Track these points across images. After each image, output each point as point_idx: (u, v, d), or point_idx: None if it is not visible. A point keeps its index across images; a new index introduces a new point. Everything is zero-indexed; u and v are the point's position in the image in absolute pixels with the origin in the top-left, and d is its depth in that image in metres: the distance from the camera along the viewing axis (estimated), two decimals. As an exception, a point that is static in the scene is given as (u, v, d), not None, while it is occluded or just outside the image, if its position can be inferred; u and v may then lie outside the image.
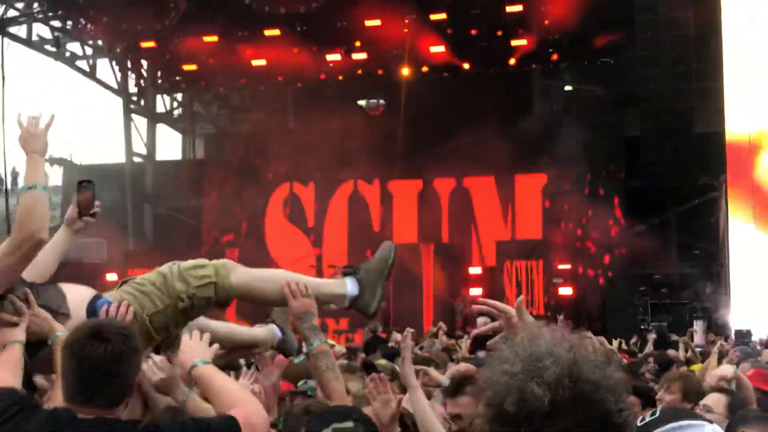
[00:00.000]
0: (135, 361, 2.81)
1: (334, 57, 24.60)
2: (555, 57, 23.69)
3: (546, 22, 22.62)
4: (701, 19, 21.08)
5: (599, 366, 1.61)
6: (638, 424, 2.32)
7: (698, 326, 17.24)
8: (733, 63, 19.82)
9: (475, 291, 20.26)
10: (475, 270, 21.88)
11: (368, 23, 23.26)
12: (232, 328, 4.05)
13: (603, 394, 1.57)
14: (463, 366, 6.32)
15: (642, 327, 18.72)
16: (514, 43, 23.40)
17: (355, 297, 3.43)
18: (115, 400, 2.74)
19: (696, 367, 7.97)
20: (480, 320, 14.62)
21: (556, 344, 1.62)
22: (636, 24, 21.81)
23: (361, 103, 24.03)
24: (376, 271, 3.46)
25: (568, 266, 21.30)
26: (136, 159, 27.38)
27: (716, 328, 18.42)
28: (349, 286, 3.43)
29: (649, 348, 11.32)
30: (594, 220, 22.47)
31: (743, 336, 15.75)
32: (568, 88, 24.39)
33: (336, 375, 3.34)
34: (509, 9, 22.67)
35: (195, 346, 3.13)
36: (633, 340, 14.06)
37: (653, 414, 2.39)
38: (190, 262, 3.53)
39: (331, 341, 7.95)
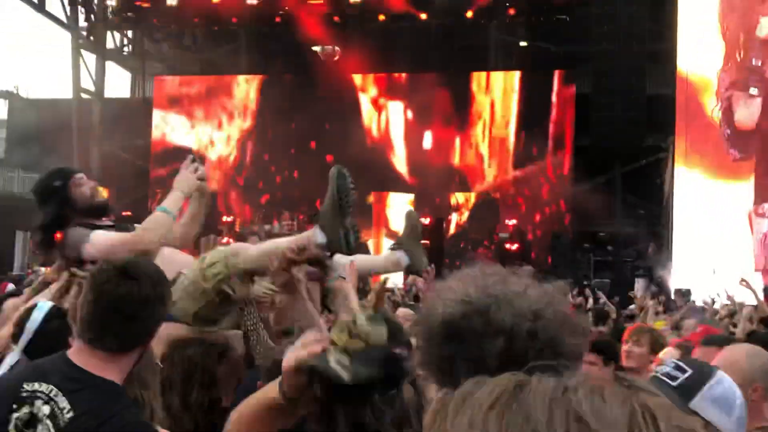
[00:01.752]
0: (159, 310, 2.51)
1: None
2: (511, 12, 23.57)
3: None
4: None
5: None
6: (673, 384, 2.08)
7: (639, 284, 17.58)
8: (688, 26, 19.93)
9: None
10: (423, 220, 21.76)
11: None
12: None
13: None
14: (402, 311, 6.28)
15: (585, 283, 18.98)
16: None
17: (325, 243, 3.40)
18: (127, 345, 2.45)
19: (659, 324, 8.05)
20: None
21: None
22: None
23: (317, 48, 23.75)
24: (329, 208, 3.42)
25: (514, 221, 21.46)
26: (84, 95, 26.80)
27: (657, 287, 18.75)
28: (318, 235, 3.40)
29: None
30: (541, 176, 22.63)
31: (683, 294, 16.12)
32: (523, 43, 24.32)
33: (346, 310, 3.28)
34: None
35: None
36: (575, 293, 14.31)
37: (679, 369, 2.10)
38: (207, 262, 3.58)
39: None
